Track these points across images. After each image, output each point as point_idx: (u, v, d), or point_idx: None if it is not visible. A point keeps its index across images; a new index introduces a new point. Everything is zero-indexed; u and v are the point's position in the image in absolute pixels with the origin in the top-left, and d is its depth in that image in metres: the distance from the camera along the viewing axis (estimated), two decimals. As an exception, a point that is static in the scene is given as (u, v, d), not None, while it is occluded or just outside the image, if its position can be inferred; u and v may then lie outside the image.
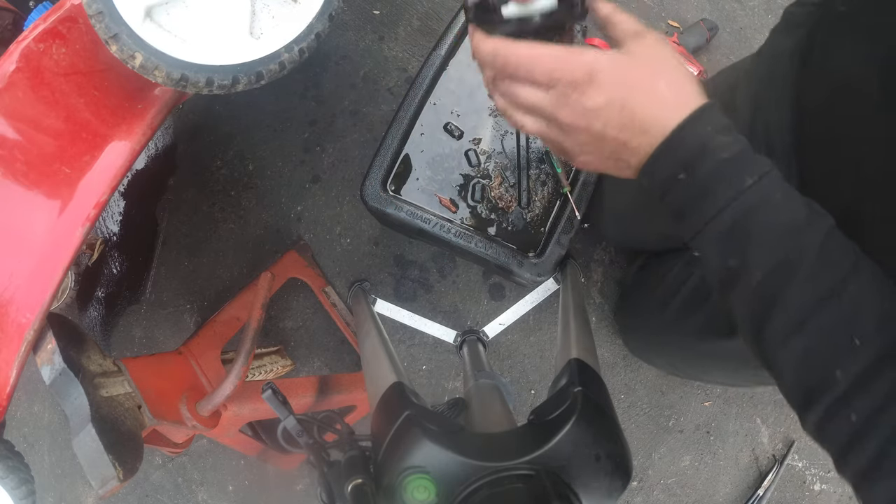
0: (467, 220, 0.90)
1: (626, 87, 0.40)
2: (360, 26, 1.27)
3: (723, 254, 0.39)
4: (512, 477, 0.44)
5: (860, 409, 0.35)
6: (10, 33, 0.77)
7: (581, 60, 0.40)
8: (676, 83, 0.40)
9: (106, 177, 0.56)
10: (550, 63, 0.41)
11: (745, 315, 0.40)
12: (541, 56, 0.41)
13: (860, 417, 0.35)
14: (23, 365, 0.56)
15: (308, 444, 0.53)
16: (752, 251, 0.38)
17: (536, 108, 0.44)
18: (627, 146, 0.41)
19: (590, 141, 0.43)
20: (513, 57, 0.42)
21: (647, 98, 0.40)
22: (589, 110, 0.41)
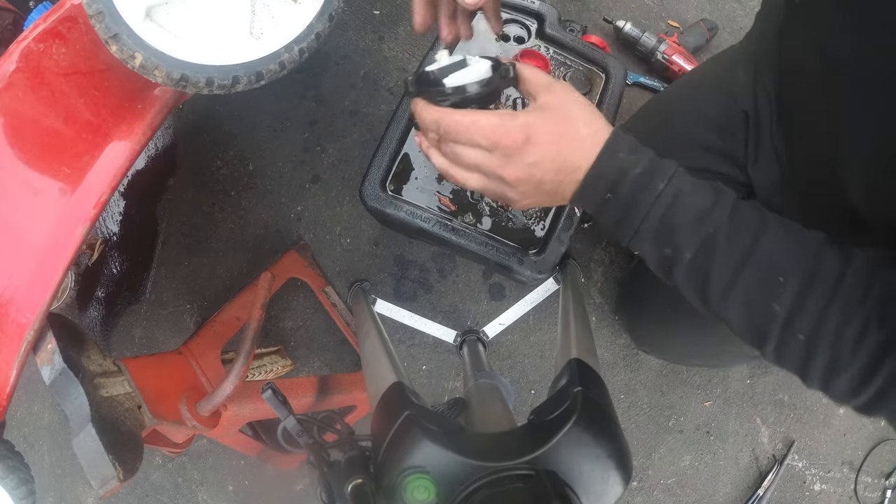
0: (467, 218, 0.90)
1: (556, 137, 0.48)
2: (360, 26, 1.27)
3: (657, 246, 0.48)
4: (512, 477, 0.44)
5: (802, 328, 0.43)
6: (10, 33, 0.77)
7: (516, 125, 0.47)
8: (590, 122, 0.49)
9: (106, 177, 0.56)
10: (490, 130, 0.48)
11: (687, 288, 0.48)
12: (480, 123, 0.48)
13: (805, 335, 0.43)
14: (23, 365, 0.56)
15: (308, 444, 0.53)
16: (679, 237, 0.46)
17: (480, 167, 0.50)
18: (563, 184, 0.49)
19: (531, 188, 0.50)
20: (454, 124, 0.49)
21: (572, 142, 0.48)
22: (530, 165, 0.48)
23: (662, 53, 1.26)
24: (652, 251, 0.49)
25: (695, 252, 0.46)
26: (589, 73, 0.97)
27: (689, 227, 0.46)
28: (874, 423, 1.29)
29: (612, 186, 0.47)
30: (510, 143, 0.47)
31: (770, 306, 0.44)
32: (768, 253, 0.44)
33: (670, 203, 0.46)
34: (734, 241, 0.45)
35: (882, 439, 1.28)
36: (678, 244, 0.46)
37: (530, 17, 0.99)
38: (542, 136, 0.47)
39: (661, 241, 0.47)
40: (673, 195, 0.46)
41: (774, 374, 1.26)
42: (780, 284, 0.43)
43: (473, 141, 0.49)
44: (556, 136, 0.47)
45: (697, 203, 0.46)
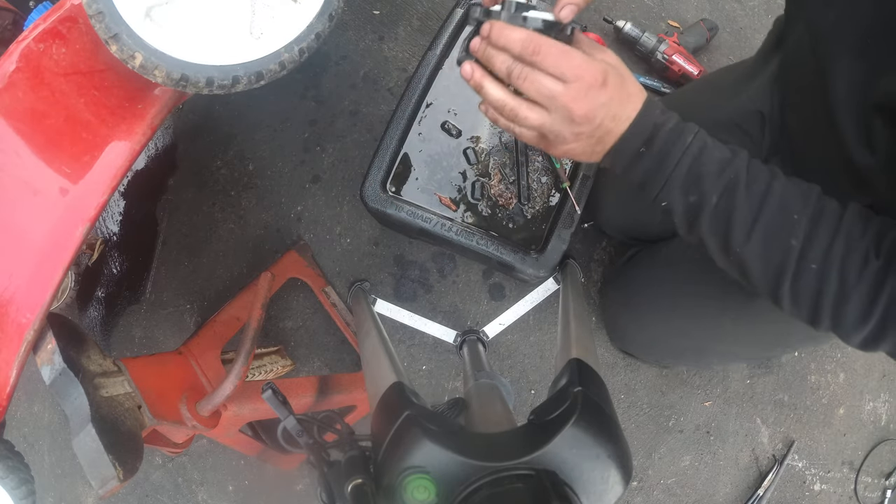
0: (468, 218, 0.90)
1: (619, 88, 0.52)
2: (360, 26, 1.27)
3: (685, 194, 0.53)
4: (512, 477, 0.44)
5: (816, 257, 0.48)
6: (10, 33, 0.77)
7: (599, 65, 0.50)
8: (635, 83, 0.54)
9: (106, 177, 0.56)
10: (578, 62, 0.50)
11: (712, 235, 0.53)
12: (571, 54, 0.50)
13: (818, 263, 0.48)
14: (23, 365, 0.56)
15: (308, 444, 0.53)
16: (706, 183, 0.51)
17: (555, 98, 0.51)
18: (610, 133, 0.53)
19: (589, 130, 0.52)
20: (545, 46, 0.50)
21: (627, 96, 0.52)
22: (600, 105, 0.51)
23: (662, 53, 1.26)
24: (679, 200, 0.53)
25: (719, 196, 0.51)
26: (589, 72, 0.97)
27: (714, 175, 0.51)
28: (874, 423, 1.29)
29: (648, 141, 0.52)
30: (592, 80, 0.50)
31: (787, 241, 0.49)
32: (781, 195, 0.50)
33: (697, 154, 0.52)
34: (753, 185, 0.50)
35: (882, 439, 1.28)
36: (705, 190, 0.51)
37: (530, 16, 0.99)
38: (612, 82, 0.51)
39: (688, 189, 0.52)
40: (699, 148, 0.52)
41: (774, 374, 1.26)
42: (794, 221, 0.49)
43: (559, 69, 0.50)
44: (620, 86, 0.52)
45: (719, 155, 0.52)
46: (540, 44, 0.50)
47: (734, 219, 0.51)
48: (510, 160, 0.93)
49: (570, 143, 0.54)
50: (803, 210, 0.49)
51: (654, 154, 0.52)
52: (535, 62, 0.50)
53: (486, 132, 0.93)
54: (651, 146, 0.52)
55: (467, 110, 0.93)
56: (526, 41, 0.50)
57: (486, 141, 0.93)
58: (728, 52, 1.36)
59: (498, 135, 0.93)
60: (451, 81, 0.94)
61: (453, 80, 0.94)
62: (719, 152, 0.52)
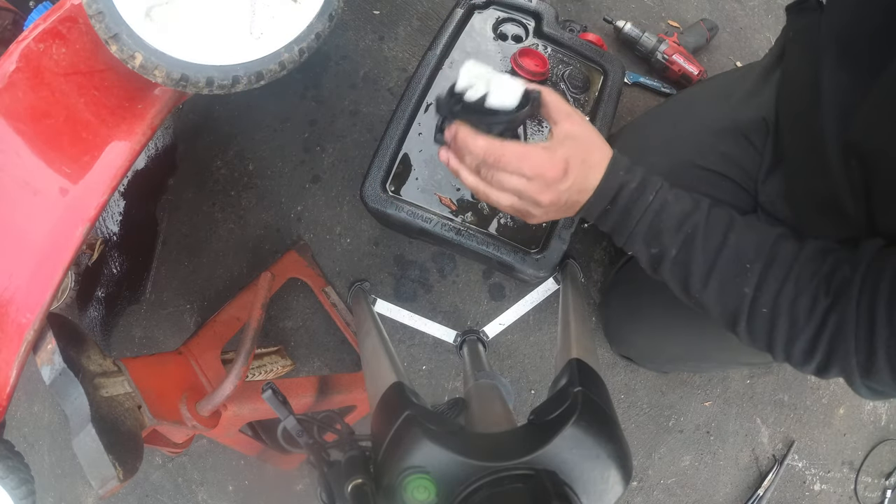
0: (468, 218, 0.90)
1: (581, 165, 0.56)
2: (360, 26, 1.27)
3: (647, 246, 0.58)
4: (512, 477, 0.44)
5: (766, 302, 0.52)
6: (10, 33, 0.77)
7: (559, 158, 0.55)
8: (601, 147, 0.57)
9: (106, 177, 0.56)
10: (538, 163, 0.54)
11: (672, 280, 0.58)
12: (530, 156, 0.54)
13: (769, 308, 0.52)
14: (23, 365, 0.56)
15: (308, 444, 0.53)
16: (665, 238, 0.56)
17: (520, 192, 0.56)
18: (578, 202, 0.58)
19: (556, 208, 0.58)
20: (506, 156, 0.55)
21: (591, 167, 0.56)
22: (562, 190, 0.56)
23: (662, 53, 1.26)
24: (642, 250, 0.58)
25: (678, 249, 0.56)
26: (587, 70, 0.97)
27: (672, 230, 0.56)
28: (874, 423, 1.29)
29: (612, 199, 0.57)
30: (553, 175, 0.55)
31: (741, 289, 0.53)
32: (736, 245, 0.54)
33: (658, 210, 0.56)
34: (709, 238, 0.55)
35: (882, 439, 1.28)
36: (664, 243, 0.56)
37: (528, 15, 0.99)
38: (573, 165, 0.55)
39: (650, 242, 0.57)
40: (660, 204, 0.56)
41: (774, 374, 1.26)
42: (746, 270, 0.53)
43: (520, 171, 0.55)
44: (581, 164, 0.56)
45: (679, 210, 0.56)
46: (501, 154, 0.54)
47: (692, 269, 0.55)
48: (510, 160, 0.93)
49: (540, 217, 0.60)
50: (756, 259, 0.53)
51: (618, 211, 0.57)
52: (498, 167, 0.55)
53: (486, 132, 0.93)
54: (615, 204, 0.57)
55: (467, 110, 0.93)
56: (487, 151, 0.55)
57: (486, 141, 0.93)
58: (728, 52, 1.36)
59: (498, 135, 0.93)
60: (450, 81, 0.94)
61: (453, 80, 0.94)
62: (679, 206, 0.56)
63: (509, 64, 0.95)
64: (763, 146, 0.79)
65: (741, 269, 0.53)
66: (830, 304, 0.50)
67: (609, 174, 0.56)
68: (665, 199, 0.56)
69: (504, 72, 0.58)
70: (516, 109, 0.57)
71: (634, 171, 0.57)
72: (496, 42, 0.97)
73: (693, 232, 0.55)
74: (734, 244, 0.54)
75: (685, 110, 0.94)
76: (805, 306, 0.51)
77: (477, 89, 0.57)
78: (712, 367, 1.18)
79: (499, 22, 0.98)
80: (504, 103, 0.56)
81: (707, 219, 0.55)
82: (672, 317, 0.95)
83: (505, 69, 0.95)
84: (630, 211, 0.57)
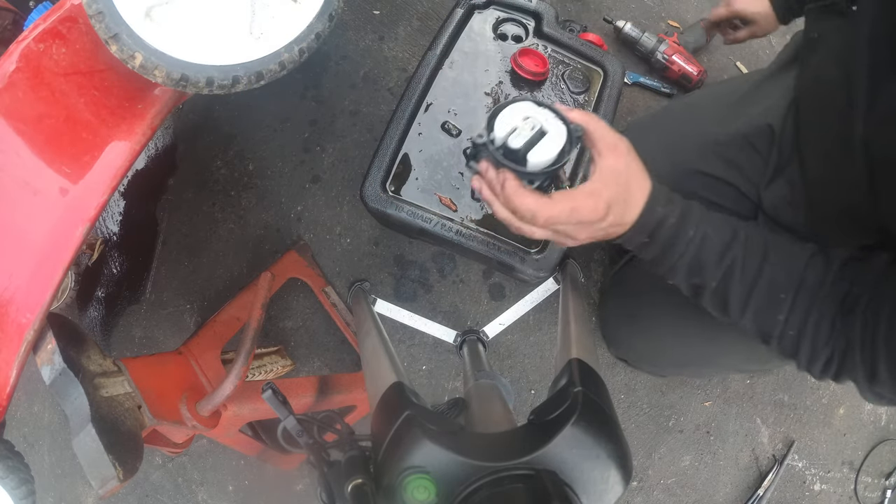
0: (468, 218, 0.90)
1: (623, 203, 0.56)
2: (360, 26, 1.27)
3: (688, 278, 0.60)
4: (512, 477, 0.44)
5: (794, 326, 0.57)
6: (10, 33, 0.77)
7: (602, 202, 0.54)
8: (641, 182, 0.57)
9: (106, 177, 0.56)
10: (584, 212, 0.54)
11: (713, 307, 0.62)
12: (577, 210, 0.54)
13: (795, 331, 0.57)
14: (23, 365, 0.56)
15: (308, 444, 0.53)
16: (706, 272, 0.58)
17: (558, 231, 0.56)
18: (615, 233, 0.58)
19: (592, 240, 0.58)
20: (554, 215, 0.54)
21: (630, 204, 0.56)
22: (601, 228, 0.56)
23: (662, 53, 1.26)
24: (683, 281, 0.60)
25: (718, 282, 0.58)
26: (587, 70, 0.97)
27: (713, 264, 0.58)
28: (874, 423, 1.29)
29: (651, 233, 0.57)
30: (595, 218, 0.55)
31: (775, 317, 0.57)
32: (770, 277, 0.57)
33: (699, 245, 0.57)
34: (746, 271, 0.57)
35: (882, 439, 1.28)
36: (705, 276, 0.58)
37: (528, 15, 0.99)
38: (615, 205, 0.55)
39: (691, 275, 0.59)
40: (701, 238, 0.57)
41: (774, 374, 1.26)
42: (781, 301, 0.57)
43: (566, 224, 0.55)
44: (623, 203, 0.55)
45: (719, 242, 0.58)
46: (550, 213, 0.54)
47: (730, 300, 0.58)
48: (510, 160, 0.93)
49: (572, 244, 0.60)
50: (788, 288, 0.57)
51: (659, 246, 0.58)
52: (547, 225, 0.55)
53: (486, 132, 0.93)
54: (655, 239, 0.58)
55: (467, 110, 0.93)
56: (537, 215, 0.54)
57: (486, 141, 0.93)
58: (728, 52, 1.36)
59: (498, 135, 0.93)
60: (451, 81, 0.94)
61: (453, 80, 0.94)
62: (719, 238, 0.58)
63: (509, 64, 0.95)
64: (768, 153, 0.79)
65: (775, 300, 0.57)
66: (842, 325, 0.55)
67: (647, 210, 0.56)
68: (706, 233, 0.57)
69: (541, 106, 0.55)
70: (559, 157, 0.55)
71: (673, 204, 0.58)
72: (496, 42, 0.97)
73: (732, 265, 0.57)
74: (769, 275, 0.57)
75: (689, 115, 0.94)
76: (825, 331, 0.56)
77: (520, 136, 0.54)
78: (712, 373, 1.18)
79: (499, 22, 0.98)
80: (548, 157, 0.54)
81: (744, 250, 0.57)
82: (672, 323, 0.95)
83: (505, 69, 0.95)
84: (672, 246, 0.57)
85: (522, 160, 0.54)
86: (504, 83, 0.95)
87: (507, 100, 0.57)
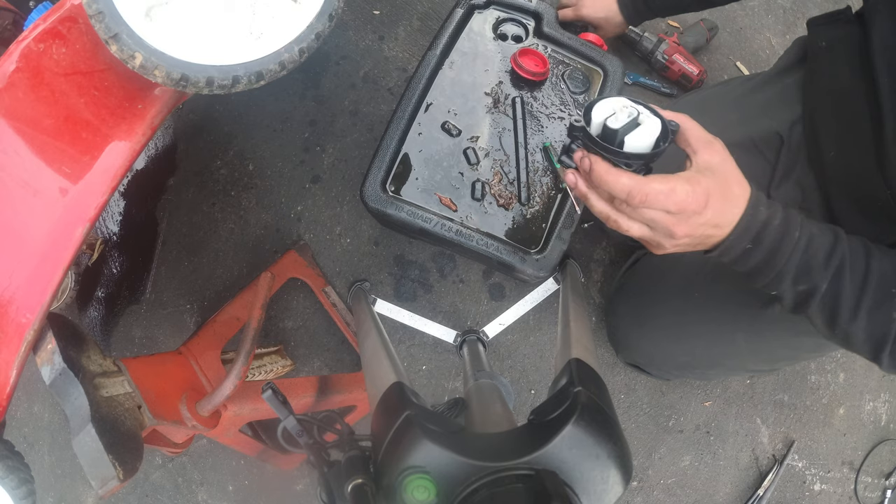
0: (468, 218, 0.90)
1: (722, 199, 0.53)
2: (360, 26, 1.27)
3: (795, 284, 0.56)
4: (512, 477, 0.44)
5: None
6: (10, 33, 0.77)
7: (702, 191, 0.52)
8: (740, 180, 0.54)
9: (106, 177, 0.56)
10: (682, 197, 0.52)
11: (820, 315, 0.57)
12: (674, 193, 0.51)
13: None
14: (23, 365, 0.56)
15: (308, 444, 0.53)
16: (815, 274, 0.55)
17: (655, 224, 0.54)
18: (713, 237, 0.55)
19: (689, 241, 0.55)
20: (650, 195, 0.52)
21: (730, 202, 0.54)
22: (700, 224, 0.53)
23: (662, 53, 1.26)
24: (789, 290, 0.57)
25: (829, 283, 0.55)
26: (587, 70, 0.97)
27: (822, 266, 0.54)
28: (874, 423, 1.29)
29: (756, 237, 0.54)
30: (694, 208, 0.52)
31: (889, 314, 0.54)
32: (879, 272, 0.54)
33: (805, 247, 0.54)
34: (855, 269, 0.54)
35: (882, 439, 1.28)
36: (815, 279, 0.55)
37: (528, 15, 0.99)
38: (714, 198, 0.52)
39: (798, 280, 0.56)
40: (807, 240, 0.54)
41: (774, 374, 1.26)
42: (893, 296, 0.54)
43: (664, 207, 0.52)
44: (721, 198, 0.53)
45: (826, 243, 0.55)
46: (646, 194, 0.51)
47: (841, 302, 0.55)
48: (510, 160, 0.93)
49: (669, 249, 0.57)
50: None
51: (765, 250, 0.55)
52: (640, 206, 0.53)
53: (486, 132, 0.93)
54: (759, 243, 0.54)
55: (467, 110, 0.93)
56: (631, 192, 0.52)
57: (486, 141, 0.93)
58: (728, 52, 1.36)
59: (498, 135, 0.93)
60: (450, 81, 0.94)
61: (453, 80, 0.94)
62: (824, 239, 0.55)
63: (509, 64, 0.95)
64: (775, 159, 0.79)
65: (888, 295, 0.54)
66: None
67: (751, 210, 0.54)
68: (811, 234, 0.55)
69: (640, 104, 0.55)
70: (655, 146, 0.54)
71: (774, 208, 0.55)
72: (496, 42, 0.97)
73: (841, 265, 0.54)
74: (877, 271, 0.54)
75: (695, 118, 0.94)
76: None
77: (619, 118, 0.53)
78: (719, 374, 1.18)
79: (499, 22, 0.98)
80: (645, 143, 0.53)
81: (850, 249, 0.55)
82: (682, 324, 0.95)
83: (505, 69, 0.95)
84: (779, 249, 0.54)
85: (620, 145, 0.53)
86: (504, 83, 0.95)
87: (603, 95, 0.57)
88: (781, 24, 1.37)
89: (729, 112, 0.88)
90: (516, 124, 0.93)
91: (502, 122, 0.94)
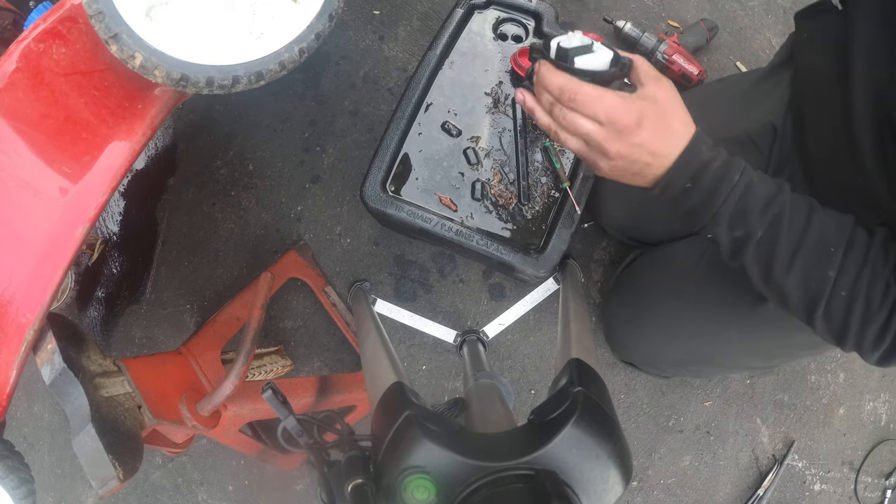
0: (468, 218, 0.90)
1: (659, 126, 0.54)
2: (360, 26, 1.27)
3: (731, 229, 0.56)
4: (512, 477, 0.44)
5: (845, 286, 0.53)
6: (10, 33, 0.77)
7: (634, 108, 0.53)
8: (684, 118, 0.56)
9: (106, 177, 0.56)
10: (612, 106, 0.53)
11: (755, 265, 0.57)
12: (605, 99, 0.53)
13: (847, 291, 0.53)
14: (23, 365, 0.56)
15: (308, 444, 0.53)
16: (751, 219, 0.54)
17: (589, 136, 0.55)
18: (650, 167, 0.56)
19: (624, 164, 0.56)
20: (581, 94, 0.54)
21: (669, 133, 0.55)
22: (633, 145, 0.54)
23: (662, 53, 1.26)
24: (725, 234, 0.57)
25: (764, 231, 0.54)
26: (589, 72, 0.97)
27: (759, 211, 0.54)
28: (874, 423, 1.29)
29: (694, 177, 0.55)
30: (625, 123, 0.53)
31: (825, 272, 0.53)
32: (820, 228, 0.54)
33: (743, 192, 0.54)
34: (794, 221, 0.54)
35: (882, 439, 1.28)
36: (750, 225, 0.55)
37: (528, 15, 0.99)
38: (649, 122, 0.53)
39: (734, 225, 0.55)
40: (745, 185, 0.55)
41: (774, 374, 1.26)
42: (831, 254, 0.53)
43: (593, 113, 0.54)
44: (659, 125, 0.54)
45: (765, 191, 0.55)
46: (575, 91, 0.54)
47: (776, 252, 0.54)
48: (510, 160, 0.93)
49: (608, 172, 0.58)
50: (839, 242, 0.53)
51: (701, 191, 0.55)
52: (571, 106, 0.55)
53: (486, 132, 0.93)
54: (698, 183, 0.55)
55: (467, 110, 0.93)
56: (563, 88, 0.54)
57: (486, 141, 0.93)
58: (728, 52, 1.36)
59: (498, 135, 0.94)
60: (450, 81, 0.94)
61: (453, 80, 0.94)
62: (765, 188, 0.55)
63: (509, 64, 0.95)
64: (770, 150, 0.80)
65: (825, 253, 0.53)
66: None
67: (691, 148, 0.55)
68: (751, 180, 0.55)
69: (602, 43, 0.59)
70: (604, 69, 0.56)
71: (718, 150, 0.56)
72: (496, 42, 0.97)
73: (779, 213, 0.54)
74: (818, 227, 0.54)
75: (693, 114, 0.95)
76: (880, 290, 0.52)
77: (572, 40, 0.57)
78: (715, 372, 1.18)
79: (499, 22, 0.98)
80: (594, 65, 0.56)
81: (791, 201, 0.55)
82: (676, 321, 0.95)
83: (505, 69, 0.95)
84: (715, 190, 0.55)
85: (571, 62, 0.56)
86: (504, 83, 0.95)
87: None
88: (781, 24, 1.37)
89: (726, 108, 0.88)
90: (516, 124, 0.93)
91: (502, 122, 0.94)
